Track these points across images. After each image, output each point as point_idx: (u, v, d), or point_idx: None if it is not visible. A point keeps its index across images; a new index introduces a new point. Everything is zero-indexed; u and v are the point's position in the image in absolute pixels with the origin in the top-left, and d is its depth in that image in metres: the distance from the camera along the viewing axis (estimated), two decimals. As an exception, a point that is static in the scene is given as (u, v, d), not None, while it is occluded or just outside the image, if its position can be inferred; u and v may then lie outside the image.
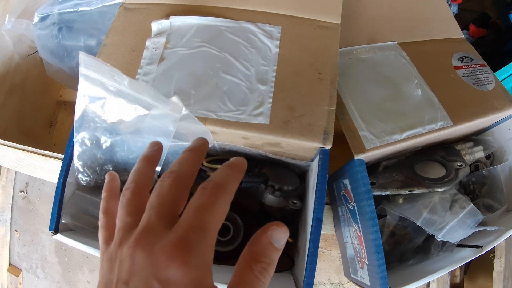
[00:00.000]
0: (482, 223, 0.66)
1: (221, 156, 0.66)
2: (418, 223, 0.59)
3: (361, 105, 0.62)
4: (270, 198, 0.60)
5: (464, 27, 1.24)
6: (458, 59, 0.70)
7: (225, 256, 0.65)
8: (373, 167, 0.67)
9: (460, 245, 0.64)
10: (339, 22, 0.63)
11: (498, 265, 1.00)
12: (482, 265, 1.09)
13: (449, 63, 0.69)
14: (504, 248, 1.00)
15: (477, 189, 0.71)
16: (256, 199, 0.65)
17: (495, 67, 0.96)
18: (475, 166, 0.72)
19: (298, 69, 0.56)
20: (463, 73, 0.68)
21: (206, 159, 0.61)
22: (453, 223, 0.58)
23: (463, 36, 0.75)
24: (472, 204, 0.60)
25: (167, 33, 0.59)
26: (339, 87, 0.62)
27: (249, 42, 0.58)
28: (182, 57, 0.57)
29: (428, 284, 1.12)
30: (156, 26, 0.60)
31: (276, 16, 0.62)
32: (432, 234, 0.59)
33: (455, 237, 0.59)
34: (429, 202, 0.60)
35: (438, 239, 0.59)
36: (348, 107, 0.61)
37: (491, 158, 0.73)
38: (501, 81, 1.16)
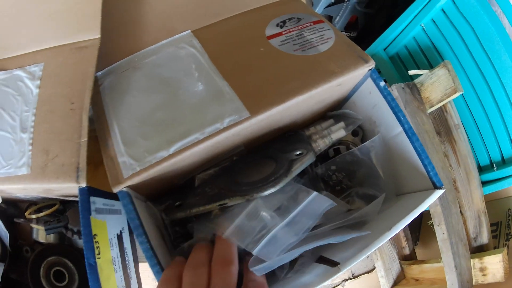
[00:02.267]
0: (358, 223, 0.41)
1: (39, 204, 0.51)
2: (226, 235, 0.35)
3: (126, 124, 0.38)
4: (76, 241, 0.51)
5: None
6: (277, 25, 0.44)
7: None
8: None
9: (321, 259, 0.39)
10: (98, 36, 0.42)
11: (441, 233, 0.74)
12: (433, 231, 0.81)
13: (261, 34, 0.43)
14: (442, 213, 0.72)
15: (344, 178, 0.45)
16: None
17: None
18: (335, 150, 0.46)
19: (54, 106, 0.41)
20: (281, 41, 0.42)
21: (28, 210, 0.51)
22: (279, 228, 0.33)
23: (293, -6, 0.49)
24: (315, 193, 0.35)
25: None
26: (106, 109, 0.40)
27: (17, 90, 0.43)
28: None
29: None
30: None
31: (41, 53, 0.45)
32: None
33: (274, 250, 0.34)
34: (246, 207, 0.36)
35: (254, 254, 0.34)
36: (112, 130, 0.38)
37: (360, 134, 0.47)
38: (400, 33, 0.89)
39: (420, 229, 0.93)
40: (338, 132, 0.45)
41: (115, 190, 0.35)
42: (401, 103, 0.71)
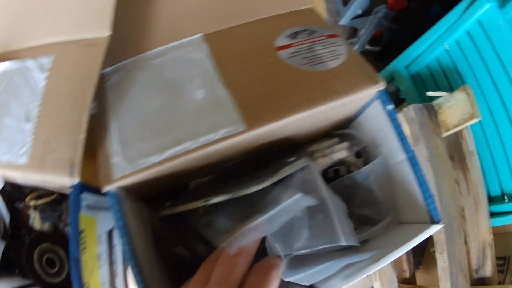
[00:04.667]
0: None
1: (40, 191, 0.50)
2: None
3: (124, 124, 0.38)
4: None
5: (383, 1, 0.94)
6: (289, 36, 0.43)
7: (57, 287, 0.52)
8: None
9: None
10: (108, 34, 0.41)
11: (442, 261, 0.70)
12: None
13: (271, 44, 0.42)
14: (445, 242, 0.69)
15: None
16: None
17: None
18: (335, 170, 0.44)
19: (58, 99, 0.40)
20: (290, 53, 0.40)
21: (29, 196, 0.50)
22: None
23: (310, 5, 0.48)
24: (299, 195, 0.34)
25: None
26: (108, 107, 0.40)
27: (26, 80, 0.43)
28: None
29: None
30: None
31: (53, 46, 0.45)
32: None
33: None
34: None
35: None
36: (110, 129, 0.38)
37: (364, 156, 0.45)
38: (423, 52, 0.85)
39: (424, 253, 0.90)
40: (340, 152, 0.43)
41: (105, 189, 0.34)
42: (416, 124, 0.69)
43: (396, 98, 0.85)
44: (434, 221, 0.38)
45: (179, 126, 0.36)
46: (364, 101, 0.41)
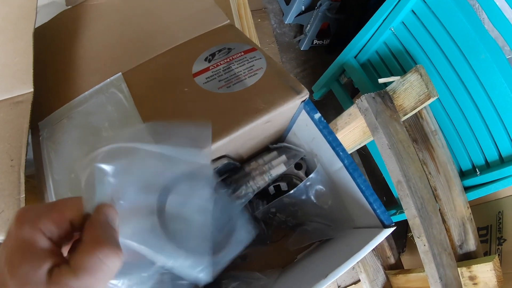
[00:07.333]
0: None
1: None
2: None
3: (58, 177, 0.37)
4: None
5: (327, -7, 0.91)
6: (206, 59, 0.40)
7: None
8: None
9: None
10: (31, 90, 0.39)
11: (422, 245, 0.68)
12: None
13: (188, 72, 0.39)
14: (421, 225, 0.67)
15: (288, 217, 0.41)
16: None
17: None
18: (275, 187, 0.42)
19: None
20: (206, 78, 0.38)
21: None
22: None
23: (227, 21, 0.45)
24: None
25: None
26: (44, 161, 0.39)
27: None
28: None
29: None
30: None
31: None
32: None
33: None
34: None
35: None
36: (47, 184, 0.37)
37: (304, 167, 0.43)
38: (370, 38, 0.82)
39: (406, 236, 0.87)
40: (278, 167, 0.40)
41: None
42: (371, 114, 0.66)
43: (352, 88, 0.82)
44: (385, 225, 0.36)
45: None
46: (291, 113, 0.38)
